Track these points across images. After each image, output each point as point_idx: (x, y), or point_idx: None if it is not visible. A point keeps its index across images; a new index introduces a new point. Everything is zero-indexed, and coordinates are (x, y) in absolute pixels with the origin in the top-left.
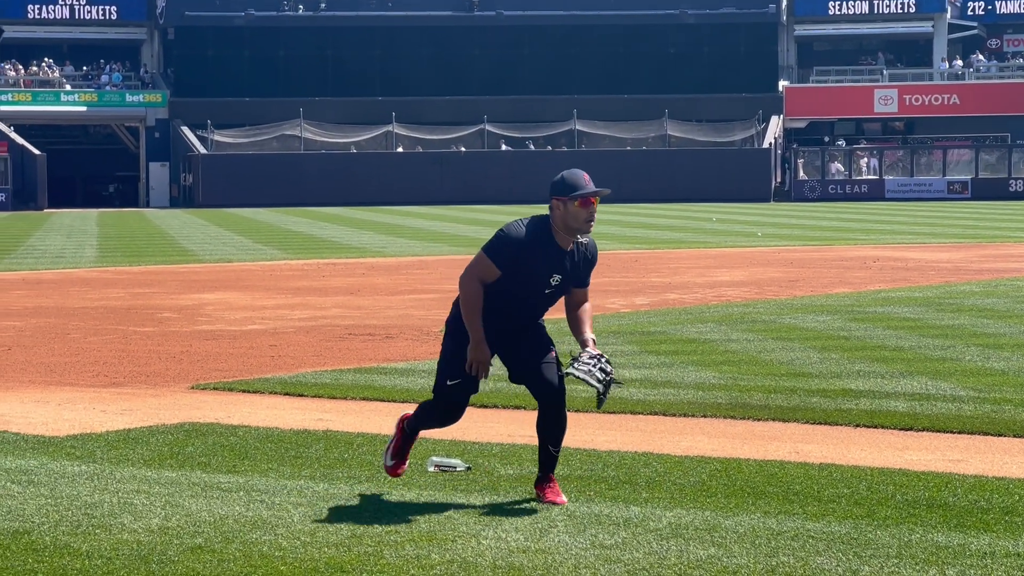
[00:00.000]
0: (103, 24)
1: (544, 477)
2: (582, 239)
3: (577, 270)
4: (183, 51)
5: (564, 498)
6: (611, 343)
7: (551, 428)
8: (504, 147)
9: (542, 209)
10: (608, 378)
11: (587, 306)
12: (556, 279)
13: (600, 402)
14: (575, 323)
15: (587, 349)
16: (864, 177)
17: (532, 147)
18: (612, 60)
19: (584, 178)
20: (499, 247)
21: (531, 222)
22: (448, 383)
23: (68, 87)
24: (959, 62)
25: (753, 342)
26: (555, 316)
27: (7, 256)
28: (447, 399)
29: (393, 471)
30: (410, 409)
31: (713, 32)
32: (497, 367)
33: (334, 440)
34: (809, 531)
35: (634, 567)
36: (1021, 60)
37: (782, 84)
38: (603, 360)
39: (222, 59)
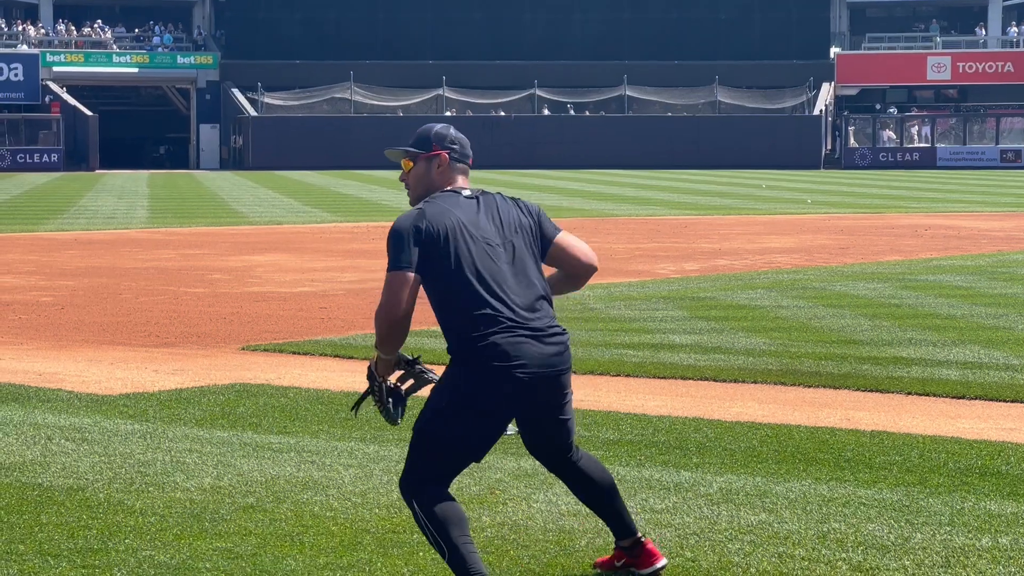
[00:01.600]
0: None
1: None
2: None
3: None
4: (234, 13)
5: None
6: (661, 308)
7: None
8: (546, 111)
9: (595, 174)
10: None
11: None
12: None
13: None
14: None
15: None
16: (916, 145)
17: (572, 111)
18: (663, 26)
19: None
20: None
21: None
22: None
23: (119, 48)
24: (1014, 29)
25: (803, 309)
26: None
27: (60, 216)
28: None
29: None
30: None
31: None
32: None
33: None
34: (860, 498)
35: (684, 531)
36: None
37: (833, 51)
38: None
39: (273, 22)
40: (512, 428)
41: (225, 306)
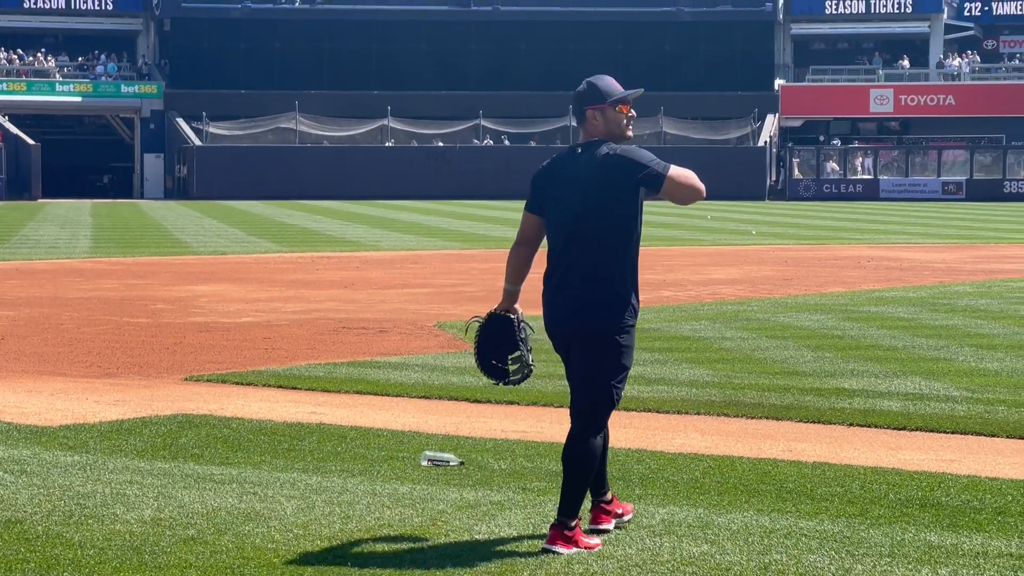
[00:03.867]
0: (99, 14)
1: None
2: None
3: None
4: (179, 42)
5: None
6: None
7: None
8: (488, 141)
9: None
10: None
11: None
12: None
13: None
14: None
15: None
16: (859, 177)
17: (508, 142)
18: (608, 57)
19: (614, 82)
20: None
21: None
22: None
23: (62, 77)
24: (955, 63)
25: (747, 340)
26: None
27: (1, 246)
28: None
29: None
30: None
31: (709, 30)
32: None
33: (327, 433)
34: (802, 529)
35: (627, 563)
36: (1017, 61)
37: (778, 83)
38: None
39: (218, 51)
40: (456, 459)
41: (168, 336)
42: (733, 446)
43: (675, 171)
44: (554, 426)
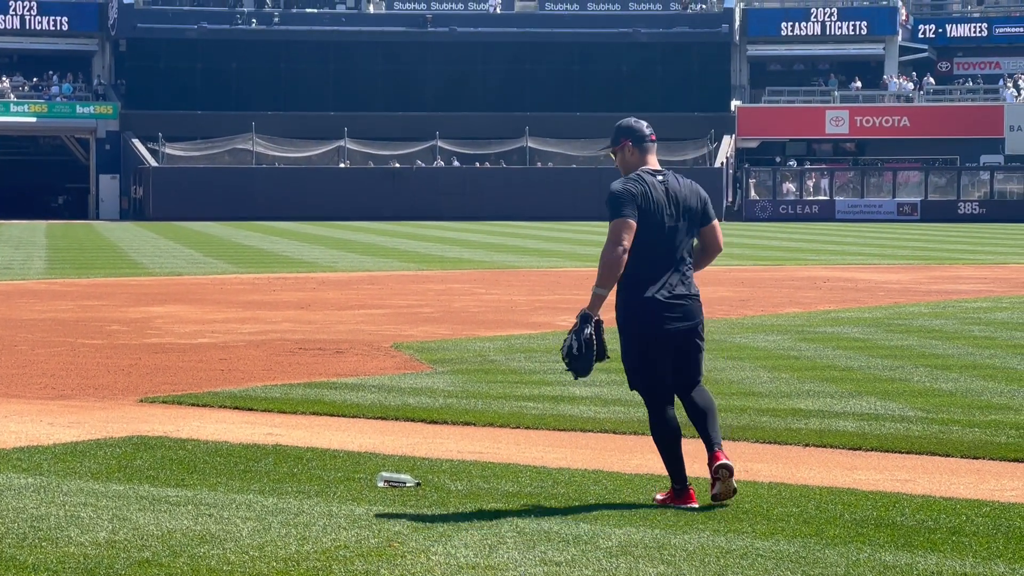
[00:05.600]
0: (54, 35)
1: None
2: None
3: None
4: (135, 63)
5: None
6: (560, 361)
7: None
8: (438, 163)
9: (496, 226)
10: (573, 348)
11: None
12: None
13: (575, 371)
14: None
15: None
16: (815, 198)
17: (456, 163)
18: (565, 78)
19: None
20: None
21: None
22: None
23: (16, 97)
24: (909, 85)
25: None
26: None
27: None
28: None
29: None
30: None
31: (666, 51)
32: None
33: (283, 455)
34: (758, 549)
35: None
36: (971, 83)
37: (734, 104)
38: (574, 336)
39: (174, 72)
40: (412, 480)
41: (123, 358)
42: (689, 466)
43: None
44: (510, 447)
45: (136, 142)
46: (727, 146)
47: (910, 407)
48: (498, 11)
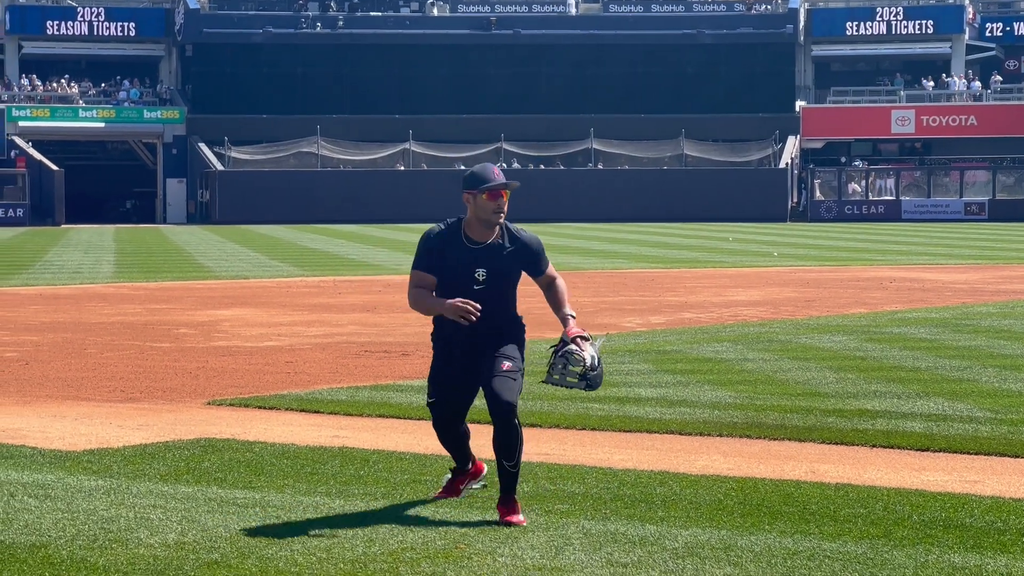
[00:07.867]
0: (121, 40)
1: (503, 497)
2: (517, 232)
3: (512, 261)
4: (201, 68)
5: (522, 518)
6: (627, 362)
7: (500, 442)
8: (502, 165)
9: (561, 227)
10: (583, 368)
11: (557, 284)
12: (480, 273)
13: (589, 387)
14: (552, 304)
15: (563, 337)
16: (881, 198)
17: (516, 165)
18: (629, 80)
19: (494, 172)
20: (419, 254)
21: (445, 224)
22: (428, 402)
23: (85, 103)
24: (977, 83)
25: (769, 362)
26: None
27: (25, 271)
28: (434, 417)
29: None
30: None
31: (730, 52)
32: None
33: (350, 457)
34: (825, 551)
35: None
36: None
37: (799, 104)
38: (568, 353)
39: (240, 76)
40: (478, 482)
41: (191, 361)
42: (755, 468)
43: None
44: (576, 448)
45: (202, 146)
46: (792, 147)
47: (978, 408)
48: (574, 12)
